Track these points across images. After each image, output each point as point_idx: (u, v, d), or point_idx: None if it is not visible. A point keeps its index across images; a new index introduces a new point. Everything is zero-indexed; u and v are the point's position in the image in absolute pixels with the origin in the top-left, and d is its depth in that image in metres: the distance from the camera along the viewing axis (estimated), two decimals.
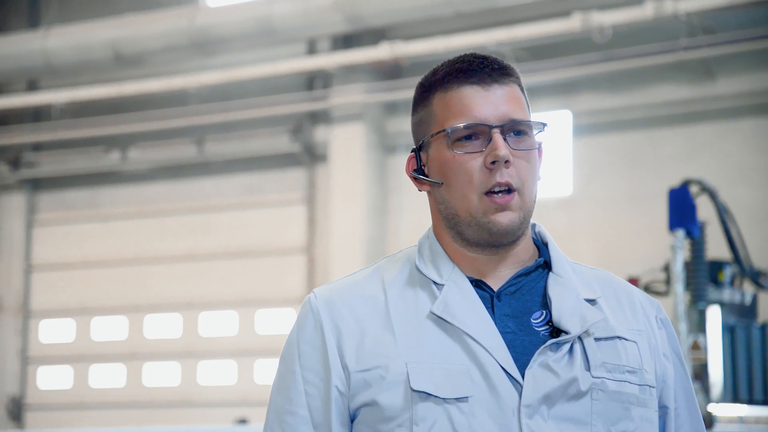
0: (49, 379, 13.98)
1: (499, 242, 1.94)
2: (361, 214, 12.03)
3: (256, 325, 12.89)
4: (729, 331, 7.61)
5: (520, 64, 11.15)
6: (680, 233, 7.03)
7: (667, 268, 7.65)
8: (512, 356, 1.88)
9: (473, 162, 1.93)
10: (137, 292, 13.47)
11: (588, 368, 1.90)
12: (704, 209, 7.75)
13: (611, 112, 11.34)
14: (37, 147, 14.27)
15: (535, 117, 2.01)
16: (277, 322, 12.70)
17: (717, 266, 7.75)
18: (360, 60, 11.84)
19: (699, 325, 7.35)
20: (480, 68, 1.98)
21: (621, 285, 2.06)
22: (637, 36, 10.78)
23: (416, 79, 2.09)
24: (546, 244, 2.04)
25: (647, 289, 7.98)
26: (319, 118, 12.72)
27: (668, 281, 7.60)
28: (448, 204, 1.96)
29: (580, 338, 1.91)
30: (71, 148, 13.85)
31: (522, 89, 2.02)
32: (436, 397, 1.86)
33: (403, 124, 11.54)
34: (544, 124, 1.99)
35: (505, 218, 1.92)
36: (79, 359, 13.76)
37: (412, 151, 2.04)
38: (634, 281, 7.80)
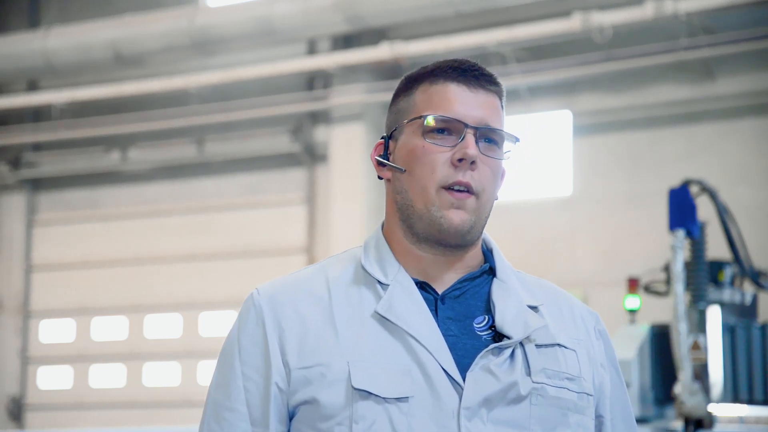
0: (49, 379, 13.98)
1: (446, 241, 1.96)
2: (361, 214, 12.03)
3: None
4: (729, 331, 7.60)
5: (520, 64, 11.16)
6: (680, 233, 7.02)
7: (667, 268, 7.64)
8: (454, 359, 1.89)
9: (440, 155, 1.95)
10: (137, 292, 13.47)
11: (528, 373, 1.91)
12: (704, 209, 7.74)
13: (611, 112, 11.34)
14: (37, 147, 14.27)
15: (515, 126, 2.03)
16: None
17: (717, 266, 7.74)
18: (360, 60, 11.84)
19: (699, 325, 7.35)
20: (470, 70, 2.00)
21: (562, 295, 2.09)
22: (637, 36, 10.78)
23: None
24: (491, 251, 2.05)
25: (647, 289, 7.98)
26: (319, 118, 12.72)
27: (668, 281, 7.59)
28: (405, 194, 1.98)
29: (521, 344, 1.93)
30: (71, 148, 13.85)
31: (502, 105, 2.04)
32: (376, 396, 1.86)
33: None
34: (517, 138, 2.01)
35: (457, 217, 1.93)
36: (79, 359, 13.76)
37: (381, 138, 2.06)
38: (634, 281, 7.80)
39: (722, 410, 7.13)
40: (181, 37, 12.07)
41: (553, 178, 11.52)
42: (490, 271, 2.02)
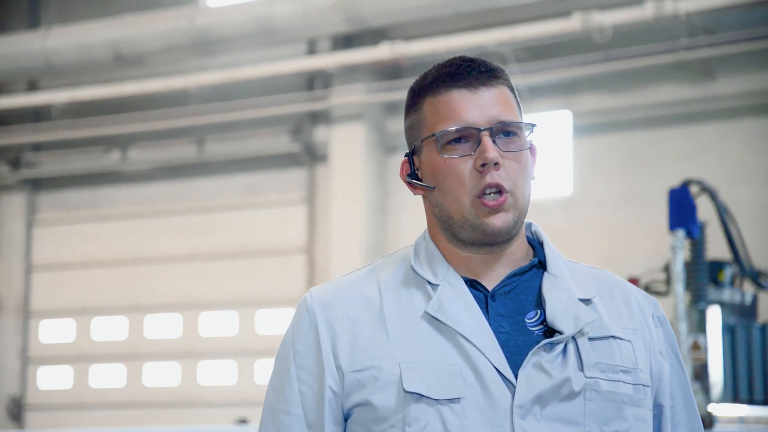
0: (49, 379, 13.98)
1: (493, 242, 1.95)
2: (361, 214, 12.03)
3: (256, 325, 12.89)
4: (729, 331, 7.60)
5: (520, 64, 11.16)
6: (680, 233, 7.02)
7: (667, 268, 7.65)
8: (506, 356, 1.89)
9: (463, 165, 1.94)
10: (137, 292, 13.47)
11: (581, 368, 1.90)
12: (704, 209, 7.75)
13: (611, 112, 11.34)
14: (37, 147, 14.27)
15: (527, 118, 2.01)
16: (277, 322, 12.70)
17: (717, 266, 7.74)
18: (360, 60, 11.84)
19: (699, 325, 7.35)
20: (467, 71, 1.98)
21: (617, 283, 2.06)
22: (637, 36, 10.78)
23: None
24: (542, 244, 2.04)
25: (647, 289, 7.98)
26: (319, 118, 12.72)
27: (668, 281, 7.60)
28: (441, 207, 1.97)
29: (574, 338, 1.92)
30: (71, 148, 13.85)
31: (512, 90, 2.02)
32: (428, 398, 1.87)
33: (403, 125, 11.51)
34: (534, 125, 1.99)
35: (498, 220, 1.93)
36: (79, 359, 13.76)
37: (405, 156, 2.06)
38: (634, 281, 7.80)
39: (722, 410, 7.13)
40: (181, 37, 12.08)
41: (553, 178, 11.52)
42: (540, 265, 2.01)
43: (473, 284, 1.96)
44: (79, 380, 13.76)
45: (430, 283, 1.97)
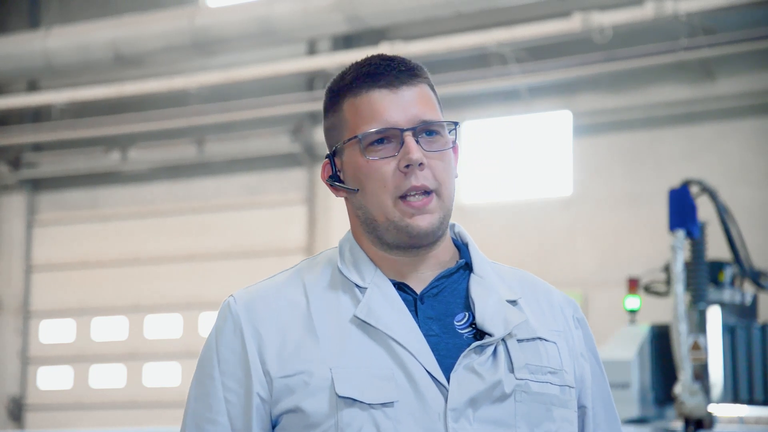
0: (49, 379, 13.98)
1: (419, 244, 1.93)
2: None
3: None
4: (729, 331, 7.60)
5: (520, 64, 11.16)
6: (680, 233, 7.02)
7: (667, 269, 7.64)
8: (437, 359, 1.87)
9: (387, 167, 1.91)
10: (137, 292, 13.47)
11: (512, 370, 1.89)
12: (704, 209, 7.74)
13: (611, 112, 11.34)
14: (37, 147, 14.27)
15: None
16: None
17: (717, 266, 7.73)
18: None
19: (699, 326, 7.34)
20: (387, 71, 1.95)
21: (540, 285, 2.06)
22: (637, 36, 10.78)
23: None
24: (467, 245, 2.03)
25: (647, 289, 7.97)
26: (319, 118, 12.67)
27: (668, 281, 7.59)
28: (365, 210, 1.95)
29: (503, 340, 1.91)
30: (71, 148, 13.85)
31: (432, 88, 1.99)
32: (361, 402, 1.84)
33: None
34: (456, 123, 1.97)
35: (423, 221, 1.91)
36: (79, 359, 13.76)
37: (326, 157, 2.01)
38: (634, 281, 7.80)
39: (722, 410, 7.13)
40: (181, 37, 12.08)
41: (553, 178, 11.52)
42: (466, 267, 1.99)
43: (401, 287, 1.94)
44: (79, 380, 13.76)
45: (357, 286, 1.93)
